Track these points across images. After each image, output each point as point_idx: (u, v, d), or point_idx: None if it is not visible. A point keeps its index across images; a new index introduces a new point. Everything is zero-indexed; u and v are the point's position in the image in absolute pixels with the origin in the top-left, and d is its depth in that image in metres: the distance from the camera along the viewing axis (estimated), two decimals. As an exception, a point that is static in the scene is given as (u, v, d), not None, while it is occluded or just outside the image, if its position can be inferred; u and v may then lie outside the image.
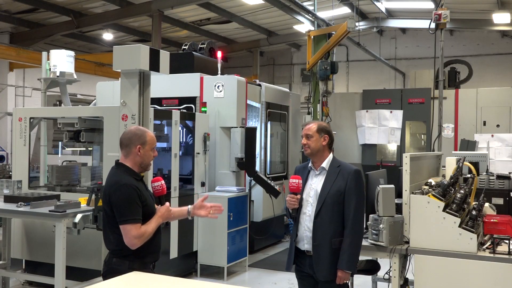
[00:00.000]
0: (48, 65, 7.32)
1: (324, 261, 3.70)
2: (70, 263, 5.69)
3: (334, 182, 3.72)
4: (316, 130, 3.79)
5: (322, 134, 3.80)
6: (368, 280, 5.92)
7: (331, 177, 3.75)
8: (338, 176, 3.73)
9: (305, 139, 3.82)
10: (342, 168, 3.78)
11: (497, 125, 10.88)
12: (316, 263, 3.72)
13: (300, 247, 3.82)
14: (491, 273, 3.70)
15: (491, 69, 17.20)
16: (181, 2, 12.71)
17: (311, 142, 3.79)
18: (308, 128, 3.82)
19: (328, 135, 3.82)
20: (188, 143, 7.77)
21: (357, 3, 13.89)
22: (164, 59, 5.80)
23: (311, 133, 3.79)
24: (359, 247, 3.76)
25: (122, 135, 3.52)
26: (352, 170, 3.75)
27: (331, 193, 3.70)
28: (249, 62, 19.31)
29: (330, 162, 3.81)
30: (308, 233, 3.75)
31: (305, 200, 3.80)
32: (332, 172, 3.77)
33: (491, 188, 5.54)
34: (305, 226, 3.78)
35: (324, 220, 3.68)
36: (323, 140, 3.79)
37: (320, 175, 3.81)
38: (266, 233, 8.79)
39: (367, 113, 11.33)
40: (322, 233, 3.69)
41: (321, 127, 3.82)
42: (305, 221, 3.78)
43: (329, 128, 3.91)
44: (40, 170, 6.97)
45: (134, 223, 3.28)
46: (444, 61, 8.36)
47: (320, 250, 3.70)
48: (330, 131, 3.88)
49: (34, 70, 13.44)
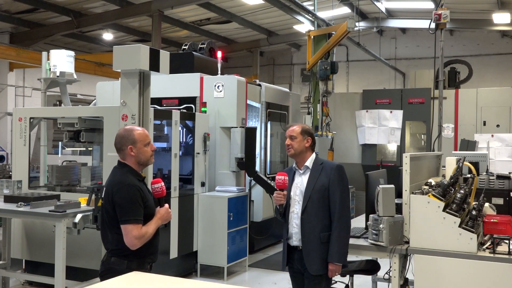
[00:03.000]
0: (48, 65, 7.32)
1: (314, 256, 3.82)
2: (70, 263, 5.69)
3: (318, 178, 3.87)
4: (300, 132, 3.97)
5: (306, 136, 3.97)
6: (368, 280, 5.92)
7: (315, 174, 3.90)
8: (321, 172, 3.89)
9: (289, 139, 3.98)
10: (325, 165, 3.95)
11: (497, 125, 10.87)
12: (306, 258, 3.84)
13: (290, 243, 3.96)
14: (491, 273, 3.70)
15: (491, 69, 17.20)
16: (181, 2, 12.71)
17: (294, 143, 3.95)
18: (292, 130, 3.99)
19: (311, 137, 4.01)
20: (188, 143, 7.77)
21: (357, 3, 13.89)
22: (164, 59, 5.80)
23: (295, 135, 3.96)
24: (347, 238, 3.89)
25: (114, 140, 3.54)
26: (334, 166, 3.93)
27: (315, 189, 3.84)
28: (249, 62, 19.32)
29: (313, 161, 3.97)
30: (297, 230, 3.89)
31: (292, 199, 3.95)
32: (315, 170, 3.92)
33: (491, 188, 5.53)
34: (294, 223, 3.93)
35: (310, 215, 3.83)
36: (306, 142, 3.96)
37: (304, 174, 3.97)
38: (266, 233, 8.79)
39: (367, 113, 11.32)
40: (310, 229, 3.83)
41: (304, 129, 4.00)
42: (293, 218, 3.93)
43: (312, 130, 4.10)
44: (40, 170, 6.97)
45: (136, 223, 3.29)
46: (444, 61, 8.36)
47: (309, 245, 3.83)
48: (313, 134, 4.08)
49: (34, 70, 13.45)
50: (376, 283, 5.64)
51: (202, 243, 7.27)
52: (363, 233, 4.36)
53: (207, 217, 7.24)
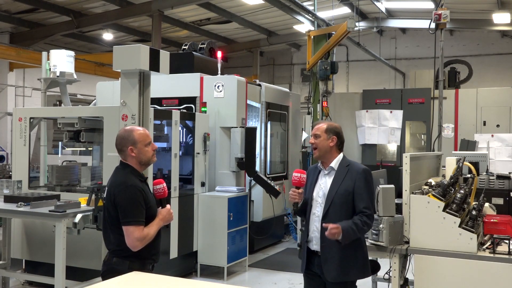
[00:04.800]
0: (48, 65, 7.32)
1: (332, 262, 3.65)
2: (70, 263, 5.69)
3: (342, 182, 3.68)
4: (325, 130, 3.75)
5: (331, 135, 3.74)
6: (368, 280, 5.91)
7: (339, 177, 3.70)
8: (346, 175, 3.69)
9: (313, 138, 3.79)
10: (351, 167, 3.73)
11: (497, 125, 10.87)
12: (324, 264, 3.67)
13: (310, 247, 3.78)
14: (491, 273, 3.70)
15: (491, 69, 17.19)
16: (181, 2, 12.70)
17: (318, 141, 3.75)
18: (317, 127, 3.79)
19: (337, 136, 3.76)
20: (188, 143, 7.77)
21: (357, 3, 13.89)
22: (164, 59, 5.80)
23: (319, 133, 3.76)
24: (363, 232, 3.68)
25: (115, 141, 3.53)
26: (360, 169, 3.71)
27: (339, 193, 3.66)
28: (249, 62, 19.31)
29: (339, 162, 3.77)
30: (317, 234, 3.71)
31: (314, 201, 3.77)
32: (340, 172, 3.72)
33: (491, 188, 5.54)
34: (314, 226, 3.74)
35: (332, 220, 3.60)
36: (330, 141, 3.74)
37: (328, 175, 3.77)
38: (266, 233, 8.79)
39: (367, 113, 11.32)
40: None
41: (330, 128, 3.76)
42: (314, 221, 3.74)
43: (339, 129, 3.82)
44: (40, 170, 6.97)
45: (138, 225, 3.28)
46: (444, 61, 8.36)
47: (328, 250, 3.65)
48: (340, 132, 3.80)
49: (34, 70, 13.43)
50: (376, 283, 5.63)
51: (202, 243, 7.27)
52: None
53: (207, 217, 7.24)
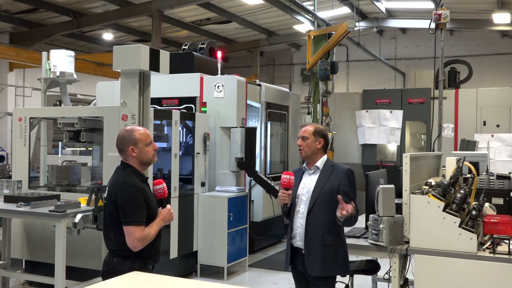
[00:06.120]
0: (48, 65, 7.32)
1: (316, 257, 3.73)
2: (70, 263, 5.69)
3: (327, 180, 3.79)
4: (312, 132, 3.86)
5: (318, 137, 3.86)
6: (368, 280, 5.92)
7: (325, 175, 3.81)
8: (331, 174, 3.80)
9: (300, 140, 3.88)
10: (336, 167, 3.86)
11: (497, 125, 10.86)
12: (307, 259, 3.75)
13: (293, 244, 3.86)
14: (491, 273, 3.70)
15: (491, 69, 17.19)
16: (181, 2, 12.70)
17: (305, 144, 3.85)
18: (305, 130, 3.89)
19: (324, 138, 3.89)
20: (188, 143, 7.77)
21: (357, 3, 13.88)
22: (164, 59, 5.81)
23: (307, 135, 3.86)
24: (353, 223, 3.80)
25: (116, 141, 3.53)
26: (345, 169, 3.83)
27: (324, 190, 3.76)
28: (249, 62, 19.30)
29: (324, 162, 3.88)
30: (301, 230, 3.79)
31: (298, 198, 3.86)
32: (325, 171, 3.84)
33: (491, 188, 5.54)
34: (298, 223, 3.83)
35: (316, 216, 3.73)
36: (318, 143, 3.85)
37: (313, 174, 3.87)
38: (266, 233, 8.79)
39: (367, 113, 11.32)
40: (314, 229, 3.74)
41: (317, 130, 3.88)
42: (298, 218, 3.83)
43: (325, 131, 3.95)
44: (40, 170, 6.97)
45: (138, 225, 3.28)
46: (444, 61, 8.36)
47: (311, 245, 3.74)
48: (326, 135, 3.94)
49: (34, 70, 13.44)
50: (376, 283, 5.64)
51: (202, 243, 7.27)
52: (363, 233, 4.36)
53: (207, 217, 7.24)
